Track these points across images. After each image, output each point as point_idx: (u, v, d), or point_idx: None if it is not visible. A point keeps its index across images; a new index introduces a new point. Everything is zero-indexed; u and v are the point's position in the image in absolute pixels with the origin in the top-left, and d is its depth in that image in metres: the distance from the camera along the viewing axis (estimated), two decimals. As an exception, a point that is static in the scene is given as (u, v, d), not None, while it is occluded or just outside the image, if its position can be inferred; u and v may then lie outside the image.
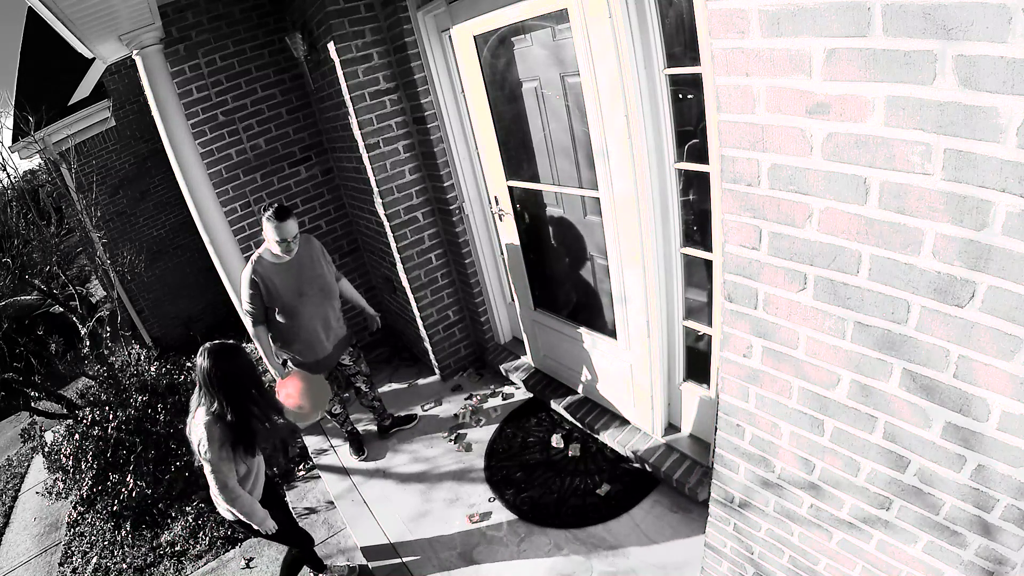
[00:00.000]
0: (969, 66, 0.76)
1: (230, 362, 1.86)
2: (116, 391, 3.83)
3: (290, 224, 2.43)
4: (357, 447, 3.22)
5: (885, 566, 1.26)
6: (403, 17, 2.82)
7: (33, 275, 4.65)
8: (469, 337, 3.81)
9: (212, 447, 1.81)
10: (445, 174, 3.18)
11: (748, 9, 0.97)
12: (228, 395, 1.84)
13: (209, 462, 1.84)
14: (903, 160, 0.88)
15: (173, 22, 3.17)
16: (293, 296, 2.59)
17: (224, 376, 1.84)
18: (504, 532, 2.50)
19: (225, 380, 1.84)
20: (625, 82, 1.91)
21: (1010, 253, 0.81)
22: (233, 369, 1.86)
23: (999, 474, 0.96)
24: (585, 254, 2.70)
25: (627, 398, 2.72)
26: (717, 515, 1.69)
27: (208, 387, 1.84)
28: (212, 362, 1.83)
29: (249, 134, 3.59)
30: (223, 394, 1.83)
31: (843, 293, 1.06)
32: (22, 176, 7.33)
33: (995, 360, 0.89)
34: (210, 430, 1.82)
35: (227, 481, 1.88)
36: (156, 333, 6.53)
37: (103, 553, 3.24)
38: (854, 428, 1.16)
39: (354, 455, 3.20)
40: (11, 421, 6.01)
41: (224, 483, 1.88)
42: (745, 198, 1.14)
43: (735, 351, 1.34)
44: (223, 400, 1.83)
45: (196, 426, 1.86)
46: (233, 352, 1.89)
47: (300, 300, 2.61)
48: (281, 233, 2.42)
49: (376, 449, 3.24)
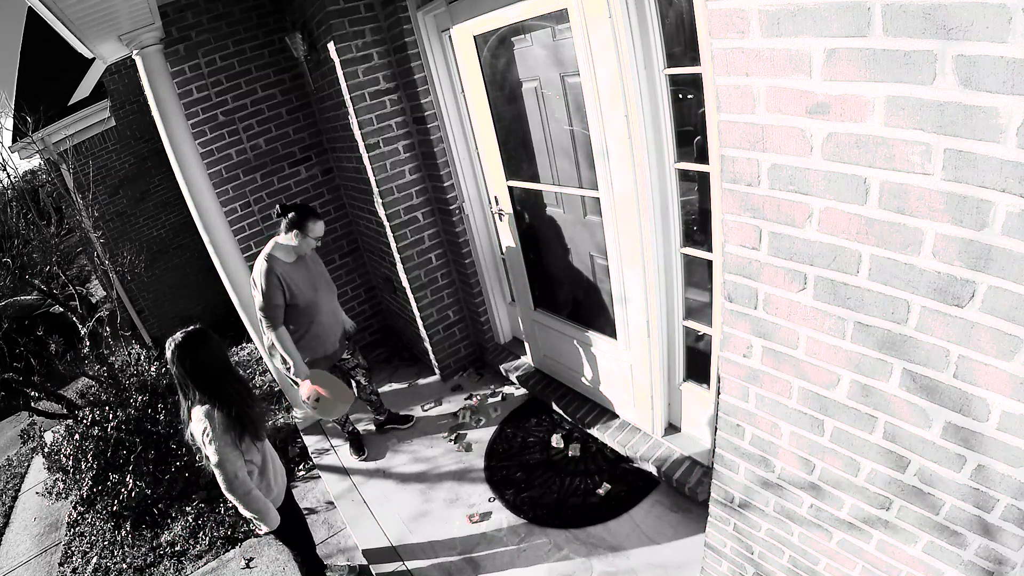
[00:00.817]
0: (969, 66, 0.76)
1: (200, 350, 1.77)
2: (116, 391, 3.83)
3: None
4: (357, 447, 3.22)
5: (885, 566, 1.26)
6: (403, 17, 2.82)
7: (33, 275, 4.65)
8: (469, 337, 3.81)
9: (215, 435, 1.72)
10: (445, 174, 3.18)
11: (748, 9, 0.97)
12: (208, 385, 1.75)
13: (217, 452, 1.73)
14: (903, 160, 0.88)
15: (173, 22, 3.17)
16: (311, 292, 2.64)
17: (199, 366, 1.74)
18: (504, 532, 2.50)
19: (202, 370, 1.74)
20: (625, 82, 1.91)
21: (1010, 253, 0.81)
22: (205, 357, 1.77)
23: (999, 474, 0.96)
24: (585, 254, 2.70)
25: (627, 398, 2.72)
26: (717, 515, 1.69)
27: (184, 384, 1.75)
28: (184, 354, 1.73)
29: (249, 134, 3.59)
30: (204, 386, 1.75)
31: (843, 293, 1.06)
32: (22, 176, 7.34)
33: (995, 360, 0.89)
34: (211, 419, 1.74)
35: (237, 472, 1.78)
36: (156, 333, 6.53)
37: (103, 553, 3.24)
38: (854, 428, 1.16)
39: (354, 455, 3.21)
40: (11, 421, 6.01)
41: (235, 474, 1.77)
42: (745, 198, 1.14)
43: (735, 351, 1.34)
44: (207, 393, 1.75)
45: (195, 423, 1.77)
46: (201, 337, 1.79)
47: (316, 295, 2.67)
48: (320, 231, 2.57)
49: (376, 449, 3.24)
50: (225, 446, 1.75)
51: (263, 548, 2.90)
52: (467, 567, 2.39)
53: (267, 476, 1.96)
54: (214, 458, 1.75)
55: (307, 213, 2.55)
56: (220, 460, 1.75)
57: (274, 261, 2.53)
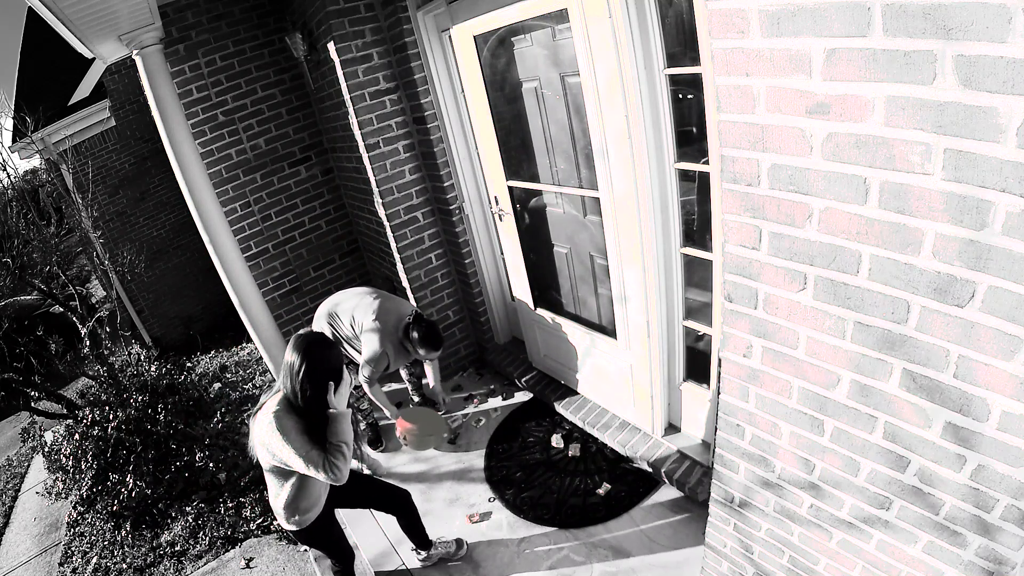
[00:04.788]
0: (969, 66, 0.76)
1: (326, 352, 1.74)
2: (116, 391, 3.83)
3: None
4: (375, 438, 3.23)
5: (885, 566, 1.26)
6: (403, 17, 2.82)
7: (33, 275, 4.64)
8: (469, 337, 3.81)
9: (288, 438, 1.66)
10: (445, 174, 3.18)
11: (748, 9, 0.97)
12: (315, 386, 1.70)
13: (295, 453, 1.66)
14: (903, 160, 0.88)
15: (173, 22, 3.17)
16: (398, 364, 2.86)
17: (317, 366, 1.70)
18: (504, 532, 2.50)
19: (317, 370, 1.71)
20: (625, 82, 1.91)
21: (1010, 253, 0.81)
22: (327, 361, 1.73)
23: (999, 474, 0.96)
24: (585, 254, 2.70)
25: (627, 398, 2.72)
26: (717, 515, 1.69)
27: (294, 378, 1.70)
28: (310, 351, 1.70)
29: (249, 134, 3.59)
30: (311, 384, 1.70)
31: (843, 293, 1.06)
32: (22, 176, 7.33)
33: (995, 360, 0.89)
34: (281, 421, 1.68)
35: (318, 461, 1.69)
36: (156, 333, 6.53)
37: (103, 553, 3.24)
38: (854, 428, 1.16)
39: (370, 446, 3.22)
40: (11, 421, 6.01)
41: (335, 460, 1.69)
42: (745, 198, 1.14)
43: (735, 351, 1.34)
44: (308, 391, 1.70)
45: (262, 416, 1.72)
46: (329, 343, 1.78)
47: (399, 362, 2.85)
48: (423, 355, 2.71)
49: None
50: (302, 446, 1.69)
51: (263, 548, 2.90)
52: (467, 567, 2.39)
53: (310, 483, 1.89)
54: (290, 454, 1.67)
55: (429, 339, 2.64)
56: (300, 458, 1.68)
57: (388, 345, 2.69)
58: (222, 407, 4.10)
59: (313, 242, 4.00)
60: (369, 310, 2.73)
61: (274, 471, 1.80)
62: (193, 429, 3.68)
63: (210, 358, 5.82)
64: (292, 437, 1.67)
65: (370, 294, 2.84)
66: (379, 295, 2.83)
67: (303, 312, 3.99)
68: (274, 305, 3.83)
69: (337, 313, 2.86)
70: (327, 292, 3.65)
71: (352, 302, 2.83)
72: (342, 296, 2.93)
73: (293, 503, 1.86)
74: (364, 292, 2.88)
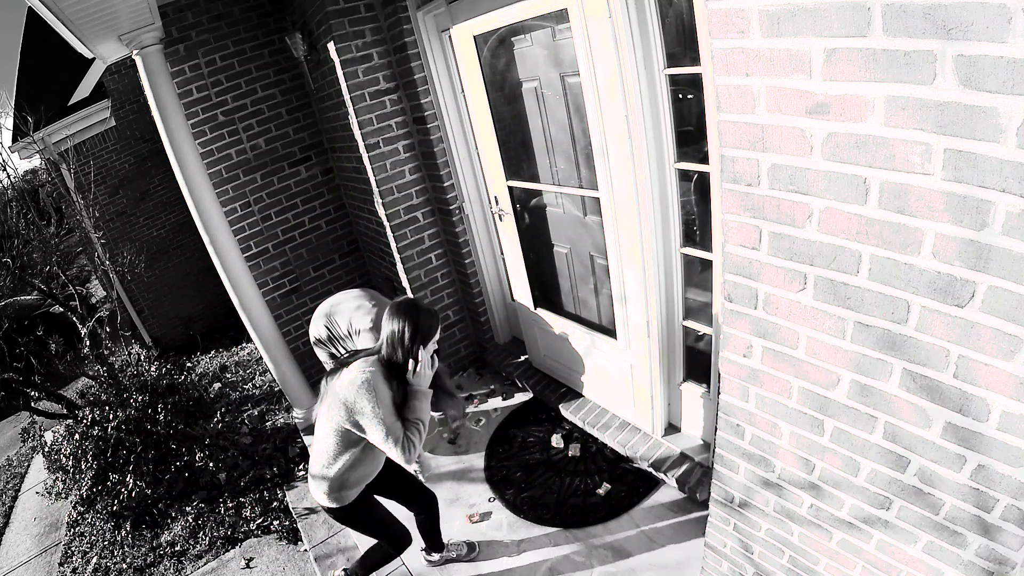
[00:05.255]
0: (969, 66, 0.76)
1: (432, 320, 1.73)
2: (116, 391, 3.83)
3: None
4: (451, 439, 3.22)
5: (885, 566, 1.26)
6: (403, 17, 2.82)
7: (33, 275, 4.64)
8: (469, 337, 3.81)
9: (380, 403, 1.63)
10: (445, 174, 3.18)
11: (748, 9, 0.97)
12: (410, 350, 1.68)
13: (381, 421, 1.63)
14: (903, 160, 0.88)
15: (173, 22, 3.17)
16: None
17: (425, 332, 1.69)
18: (504, 532, 2.50)
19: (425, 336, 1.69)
20: (625, 82, 1.91)
21: (1010, 253, 0.81)
22: (432, 330, 1.72)
23: (999, 474, 0.96)
24: (585, 254, 2.70)
25: (627, 398, 2.72)
26: (717, 515, 1.69)
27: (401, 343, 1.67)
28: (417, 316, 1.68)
29: (249, 134, 3.59)
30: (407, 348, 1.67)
31: (843, 293, 1.06)
32: (22, 176, 7.34)
33: (995, 360, 0.89)
34: (376, 385, 1.64)
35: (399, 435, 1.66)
36: (156, 333, 6.53)
37: (103, 553, 3.24)
38: (854, 428, 1.16)
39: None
40: (11, 421, 6.02)
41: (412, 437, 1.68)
42: (745, 198, 1.14)
43: (735, 351, 1.34)
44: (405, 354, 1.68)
45: (350, 375, 1.67)
46: (429, 310, 1.75)
47: None
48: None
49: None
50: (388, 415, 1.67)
51: (263, 548, 2.90)
52: (467, 566, 2.39)
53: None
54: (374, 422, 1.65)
55: None
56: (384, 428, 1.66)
57: None
58: (222, 407, 4.10)
59: (313, 242, 4.00)
60: (367, 318, 2.72)
61: (341, 435, 1.73)
62: (193, 429, 3.69)
63: (210, 358, 5.83)
64: (384, 404, 1.64)
65: (368, 299, 2.83)
66: (377, 302, 2.81)
67: (303, 312, 3.99)
68: (274, 305, 3.82)
69: (334, 315, 2.86)
70: (327, 292, 3.65)
71: (350, 305, 2.83)
72: (341, 297, 2.93)
73: (344, 475, 1.79)
74: (362, 296, 2.86)
